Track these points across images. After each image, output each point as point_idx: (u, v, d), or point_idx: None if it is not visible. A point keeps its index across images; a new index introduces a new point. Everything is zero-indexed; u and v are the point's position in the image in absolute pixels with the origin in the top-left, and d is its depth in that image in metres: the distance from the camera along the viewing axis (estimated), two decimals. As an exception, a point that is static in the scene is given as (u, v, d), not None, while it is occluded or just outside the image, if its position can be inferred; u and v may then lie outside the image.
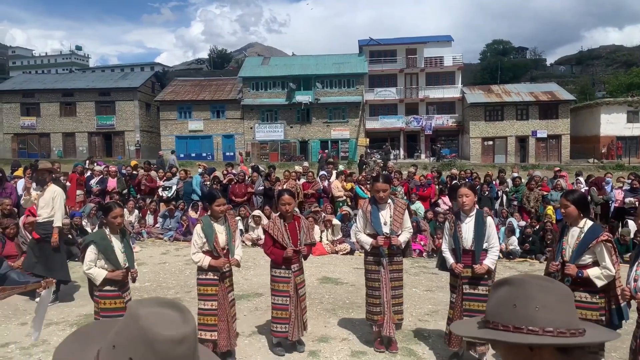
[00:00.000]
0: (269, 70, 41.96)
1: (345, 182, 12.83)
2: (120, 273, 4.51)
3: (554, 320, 1.14)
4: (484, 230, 4.75)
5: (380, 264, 5.10)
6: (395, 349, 5.18)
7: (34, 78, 48.90)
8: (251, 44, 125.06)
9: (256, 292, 7.36)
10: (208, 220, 4.92)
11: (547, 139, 38.35)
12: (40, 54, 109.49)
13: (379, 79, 41.54)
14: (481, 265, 4.69)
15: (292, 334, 5.01)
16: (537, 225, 10.89)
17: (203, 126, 40.95)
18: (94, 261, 4.47)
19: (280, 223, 5.10)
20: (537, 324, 1.14)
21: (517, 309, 1.17)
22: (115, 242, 4.55)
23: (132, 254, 4.71)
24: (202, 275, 4.87)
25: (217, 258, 4.82)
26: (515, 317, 1.17)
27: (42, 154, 38.26)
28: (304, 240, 5.13)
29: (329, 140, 40.24)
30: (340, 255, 10.34)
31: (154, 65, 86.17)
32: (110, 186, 12.23)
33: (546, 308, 1.15)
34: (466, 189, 4.86)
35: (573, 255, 4.11)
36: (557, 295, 1.17)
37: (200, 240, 4.84)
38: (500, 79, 57.01)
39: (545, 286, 1.18)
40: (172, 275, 8.48)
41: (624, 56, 77.17)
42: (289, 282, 5.03)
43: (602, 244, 4.03)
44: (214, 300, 4.80)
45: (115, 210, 4.56)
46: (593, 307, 4.07)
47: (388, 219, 5.08)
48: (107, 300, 4.51)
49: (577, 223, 4.20)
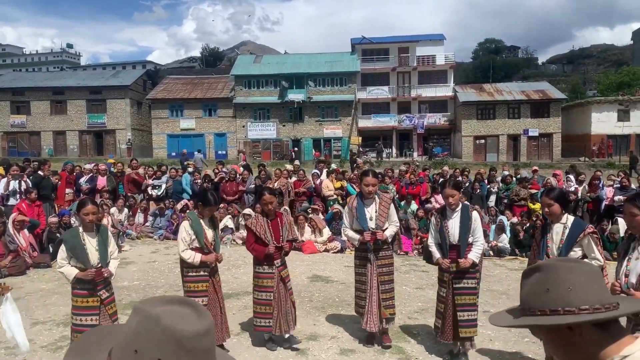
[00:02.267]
0: (262, 69, 41.85)
1: (336, 180, 12.79)
2: (90, 273, 4.38)
3: (587, 299, 1.17)
4: (470, 224, 4.82)
5: (367, 259, 5.17)
6: (388, 341, 5.21)
7: (24, 76, 48.56)
8: (244, 42, 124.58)
9: (246, 290, 7.30)
10: (196, 217, 4.96)
11: (539, 137, 38.54)
12: (31, 51, 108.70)
13: (372, 78, 41.55)
14: (466, 259, 4.76)
15: (277, 328, 5.04)
16: (528, 223, 10.92)
17: (195, 124, 40.80)
18: (65, 259, 4.41)
19: (262, 220, 5.14)
20: (572, 304, 1.17)
21: (551, 292, 1.20)
22: (88, 241, 4.43)
23: (106, 252, 4.54)
24: (192, 272, 4.89)
25: (207, 254, 4.87)
26: (550, 301, 1.20)
27: (33, 153, 37.95)
28: (286, 237, 5.18)
29: (321, 138, 40.21)
30: (331, 254, 10.31)
31: (146, 63, 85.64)
32: (99, 184, 12.13)
33: (578, 288, 1.19)
34: (451, 189, 4.89)
35: (563, 251, 4.14)
36: (587, 274, 1.21)
37: (189, 237, 4.84)
38: (492, 77, 57.16)
39: (573, 267, 1.23)
40: (161, 274, 8.42)
41: (615, 55, 77.80)
42: (273, 278, 5.07)
43: (589, 236, 4.10)
44: (205, 297, 4.84)
45: (87, 207, 4.42)
46: None
47: (374, 214, 5.17)
48: (79, 298, 4.44)
49: (560, 219, 4.24)
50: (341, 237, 10.91)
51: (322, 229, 10.88)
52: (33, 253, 8.99)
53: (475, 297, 4.87)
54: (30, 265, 8.61)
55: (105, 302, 4.50)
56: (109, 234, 4.70)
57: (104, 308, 4.49)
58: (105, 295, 4.52)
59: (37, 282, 7.82)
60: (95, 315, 4.42)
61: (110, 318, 4.51)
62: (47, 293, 7.11)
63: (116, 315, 4.66)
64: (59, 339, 5.41)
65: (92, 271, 4.39)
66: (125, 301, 6.67)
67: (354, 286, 5.50)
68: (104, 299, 4.49)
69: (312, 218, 11.14)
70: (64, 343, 5.25)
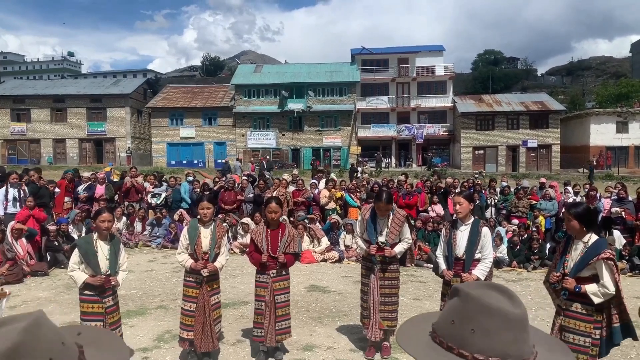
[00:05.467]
0: (262, 78, 42.03)
1: (335, 190, 12.82)
2: (99, 279, 4.49)
3: (487, 349, 1.01)
4: (477, 239, 4.73)
5: (371, 270, 5.19)
6: (387, 354, 5.21)
7: (25, 84, 48.66)
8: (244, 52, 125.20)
9: (242, 300, 7.31)
10: (195, 223, 5.09)
11: (538, 148, 38.63)
12: (32, 60, 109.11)
13: (371, 88, 41.73)
14: (469, 274, 4.66)
15: (266, 338, 5.03)
16: (525, 234, 10.93)
17: (195, 133, 40.89)
18: (77, 264, 4.53)
19: (262, 229, 5.17)
20: (468, 348, 1.03)
21: (455, 326, 1.06)
22: (101, 248, 4.56)
23: (116, 262, 4.67)
24: (186, 277, 5.04)
25: (197, 262, 4.93)
26: (452, 335, 1.06)
27: (32, 160, 38.02)
28: (286, 249, 5.11)
29: (320, 148, 40.28)
30: (329, 264, 10.31)
31: (147, 72, 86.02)
32: (98, 193, 12.14)
33: (483, 332, 1.02)
34: (459, 197, 4.84)
35: (573, 269, 4.01)
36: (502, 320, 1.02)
37: (185, 241, 4.99)
38: (492, 88, 57.43)
39: (490, 307, 1.03)
40: (158, 283, 8.41)
41: (614, 67, 78.18)
42: (267, 288, 5.06)
43: (602, 261, 3.87)
44: (193, 302, 4.94)
45: (103, 215, 4.58)
46: (587, 320, 3.96)
47: (385, 230, 5.17)
48: (86, 304, 4.54)
49: (582, 237, 4.04)
50: (339, 247, 10.94)
51: (321, 238, 10.89)
52: (30, 261, 8.99)
53: None
54: (27, 274, 8.59)
55: (108, 310, 4.58)
56: (121, 245, 4.85)
57: (107, 316, 4.57)
58: (110, 303, 4.60)
59: (34, 291, 7.82)
60: (100, 321, 4.50)
61: (110, 327, 4.54)
62: (44, 301, 7.10)
63: (118, 324, 4.71)
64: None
65: (101, 277, 4.50)
66: (121, 310, 6.64)
67: (352, 296, 5.52)
68: (107, 307, 4.56)
69: (310, 227, 11.15)
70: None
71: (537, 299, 7.78)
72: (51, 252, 9.50)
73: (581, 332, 3.95)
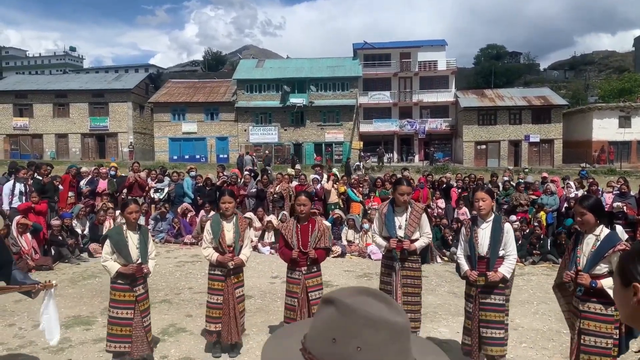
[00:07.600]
0: (264, 73, 41.99)
1: (339, 184, 12.86)
2: (131, 268, 4.63)
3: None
4: (501, 236, 4.56)
5: (392, 268, 5.09)
6: None
7: (27, 79, 48.68)
8: (246, 47, 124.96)
9: (246, 294, 7.34)
10: (217, 218, 5.18)
11: (540, 143, 38.58)
12: (34, 54, 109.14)
13: (373, 83, 41.68)
14: (495, 272, 4.49)
15: None
16: (527, 229, 10.96)
17: (197, 128, 40.90)
18: (109, 254, 4.67)
19: (292, 224, 5.11)
20: None
21: (337, 344, 0.94)
22: (131, 238, 4.73)
23: (146, 250, 4.82)
24: (211, 270, 5.13)
25: (223, 255, 5.01)
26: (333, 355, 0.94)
27: (35, 155, 38.08)
28: (317, 244, 5.01)
29: (322, 143, 40.28)
30: (332, 258, 10.35)
31: (148, 66, 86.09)
32: (100, 187, 12.18)
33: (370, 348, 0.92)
34: (483, 192, 4.66)
35: (587, 264, 3.87)
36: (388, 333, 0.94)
37: (209, 236, 5.07)
38: (494, 83, 57.31)
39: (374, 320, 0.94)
40: (162, 277, 8.46)
41: (616, 62, 77.97)
42: (299, 284, 5.02)
43: (618, 253, 3.70)
44: (220, 295, 5.03)
45: (131, 206, 4.75)
46: (607, 320, 3.82)
47: (403, 223, 5.07)
48: (118, 292, 4.67)
49: (593, 230, 3.93)
50: (342, 241, 10.99)
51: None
52: (35, 255, 9.06)
53: (502, 314, 4.55)
54: (32, 268, 8.66)
55: (139, 298, 4.71)
56: (149, 234, 5.03)
57: (138, 304, 4.70)
58: (141, 291, 4.74)
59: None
60: (130, 310, 4.65)
61: (141, 314, 4.71)
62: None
63: (148, 311, 4.84)
64: (60, 341, 5.45)
65: (133, 266, 4.64)
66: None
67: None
68: (138, 295, 4.69)
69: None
70: (65, 345, 5.30)
71: (539, 293, 7.82)
72: (55, 247, 9.58)
73: (602, 334, 3.82)
